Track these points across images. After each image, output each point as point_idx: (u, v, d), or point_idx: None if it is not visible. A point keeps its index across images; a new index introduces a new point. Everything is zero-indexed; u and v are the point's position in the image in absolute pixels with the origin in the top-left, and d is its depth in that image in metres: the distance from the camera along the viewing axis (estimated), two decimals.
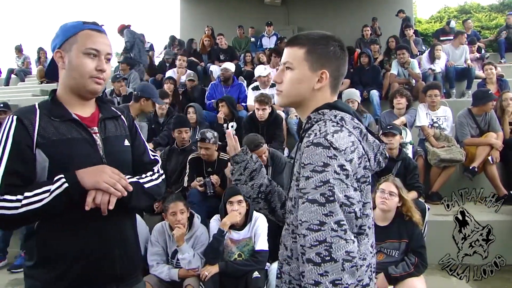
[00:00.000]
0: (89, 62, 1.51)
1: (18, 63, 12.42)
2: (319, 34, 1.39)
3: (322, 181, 1.14)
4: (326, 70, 1.33)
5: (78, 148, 1.50)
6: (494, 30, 16.11)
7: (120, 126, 1.70)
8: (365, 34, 10.28)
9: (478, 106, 5.22)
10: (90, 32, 1.53)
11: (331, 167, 1.15)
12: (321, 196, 1.13)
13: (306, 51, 1.34)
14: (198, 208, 3.96)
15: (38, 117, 1.49)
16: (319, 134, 1.21)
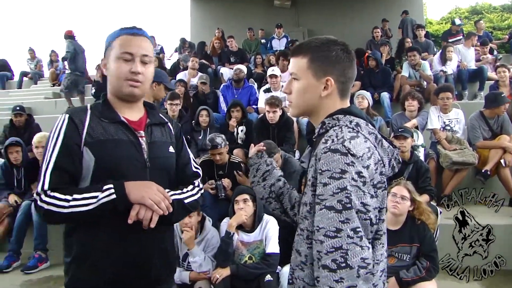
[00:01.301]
0: (123, 66, 1.55)
1: (31, 66, 12.55)
2: (321, 40, 1.38)
3: (339, 188, 1.14)
4: (331, 76, 1.32)
5: (123, 149, 1.55)
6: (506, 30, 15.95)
7: (166, 133, 1.74)
8: (375, 35, 10.23)
9: (490, 108, 5.17)
10: (125, 37, 1.57)
11: (349, 174, 1.15)
12: (338, 203, 1.14)
13: (308, 60, 1.35)
14: (210, 211, 3.97)
15: (88, 117, 1.55)
16: (336, 140, 1.21)
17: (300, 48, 1.39)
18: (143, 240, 1.55)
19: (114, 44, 1.57)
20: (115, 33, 1.60)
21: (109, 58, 1.58)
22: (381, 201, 1.27)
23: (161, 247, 1.64)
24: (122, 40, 1.56)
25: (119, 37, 1.57)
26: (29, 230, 4.62)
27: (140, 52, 1.56)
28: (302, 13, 12.98)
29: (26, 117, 6.49)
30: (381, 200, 1.26)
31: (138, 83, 1.57)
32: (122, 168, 1.52)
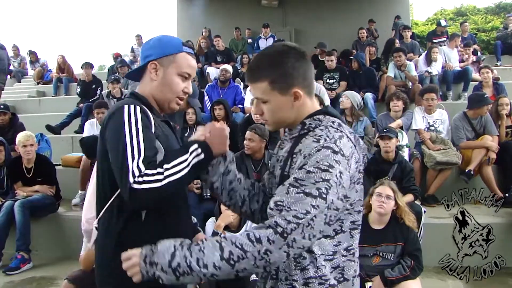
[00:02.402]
0: (181, 83, 1.61)
1: (14, 64, 12.37)
2: (272, 57, 1.36)
3: (322, 178, 1.18)
4: (296, 87, 1.33)
5: (173, 144, 1.63)
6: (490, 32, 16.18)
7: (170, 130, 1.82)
8: (360, 36, 10.30)
9: (473, 109, 5.24)
10: (187, 56, 1.62)
11: (335, 170, 1.20)
12: (316, 191, 1.18)
13: (268, 83, 1.33)
14: (195, 211, 3.96)
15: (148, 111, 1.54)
16: (329, 140, 1.25)
17: (255, 73, 1.37)
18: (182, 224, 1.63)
19: (177, 59, 1.60)
20: (177, 45, 1.62)
21: (167, 68, 1.59)
22: (360, 194, 1.34)
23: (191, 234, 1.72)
24: (185, 58, 1.61)
25: (183, 54, 1.61)
26: (11, 231, 4.54)
27: (194, 74, 1.67)
28: (289, 13, 13.00)
29: (10, 116, 6.40)
30: (359, 193, 1.33)
31: (182, 101, 1.67)
32: None
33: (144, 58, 1.64)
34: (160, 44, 1.62)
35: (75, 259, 3.54)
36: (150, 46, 1.64)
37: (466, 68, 7.72)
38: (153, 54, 1.60)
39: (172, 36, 1.71)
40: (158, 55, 1.60)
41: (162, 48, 1.61)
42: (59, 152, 6.31)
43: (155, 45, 1.63)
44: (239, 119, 5.93)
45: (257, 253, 1.14)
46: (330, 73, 7.34)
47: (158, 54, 1.60)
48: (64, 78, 10.42)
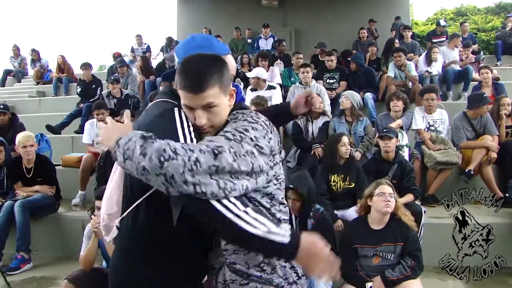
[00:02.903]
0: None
1: (14, 64, 12.36)
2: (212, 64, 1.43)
3: (237, 130, 1.34)
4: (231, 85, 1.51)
5: None
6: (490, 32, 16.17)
7: None
8: (361, 36, 10.29)
9: (473, 109, 5.24)
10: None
11: (249, 133, 1.35)
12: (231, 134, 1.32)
13: (218, 87, 1.42)
14: None
15: None
16: (245, 116, 1.45)
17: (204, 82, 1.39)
18: None
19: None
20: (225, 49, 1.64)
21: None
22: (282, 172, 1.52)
23: None
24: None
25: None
26: (11, 231, 4.54)
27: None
28: (289, 13, 13.00)
29: (10, 116, 6.39)
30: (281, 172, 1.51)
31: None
32: None
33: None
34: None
35: (75, 259, 3.53)
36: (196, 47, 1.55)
37: (466, 68, 7.71)
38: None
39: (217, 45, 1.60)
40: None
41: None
42: (59, 152, 6.31)
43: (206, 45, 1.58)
44: None
45: (187, 159, 1.18)
46: (330, 73, 7.34)
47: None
48: (64, 78, 10.42)
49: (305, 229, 3.45)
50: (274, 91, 6.49)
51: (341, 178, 4.36)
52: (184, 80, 1.39)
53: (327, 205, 4.20)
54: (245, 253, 1.44)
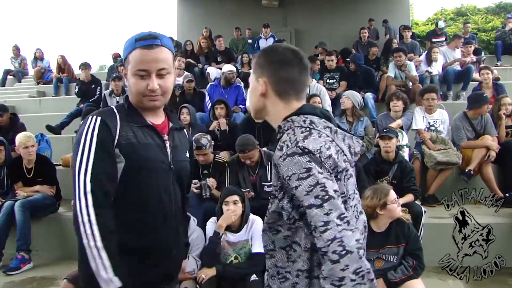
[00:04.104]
0: (140, 82, 1.55)
1: (15, 64, 12.37)
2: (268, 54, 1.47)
3: (311, 185, 1.19)
4: (265, 78, 1.41)
5: (152, 152, 1.59)
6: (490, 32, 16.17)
7: (183, 138, 1.81)
8: (362, 36, 10.29)
9: (473, 109, 5.25)
10: (139, 52, 1.53)
11: (314, 169, 1.20)
12: (316, 199, 1.18)
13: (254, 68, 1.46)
14: (195, 211, 3.96)
15: (119, 119, 1.56)
16: (290, 144, 1.25)
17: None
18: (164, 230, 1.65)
19: (130, 59, 1.55)
20: (130, 45, 1.56)
21: (127, 71, 1.58)
22: (347, 189, 1.32)
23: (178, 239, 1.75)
24: (137, 55, 1.53)
25: (134, 51, 1.54)
26: (11, 231, 4.55)
27: (155, 68, 1.54)
28: (289, 13, 13.00)
29: (9, 116, 6.39)
30: (348, 188, 1.32)
31: (157, 96, 1.58)
32: (151, 168, 1.57)
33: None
34: (124, 47, 1.60)
35: (75, 259, 3.49)
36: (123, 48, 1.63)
37: (468, 67, 7.71)
38: (123, 59, 1.61)
39: (135, 35, 1.59)
40: (123, 59, 1.61)
41: (124, 51, 1.59)
42: (59, 152, 6.30)
43: (123, 48, 1.60)
44: (239, 119, 5.92)
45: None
46: (330, 73, 7.34)
47: (123, 58, 1.61)
48: (64, 78, 10.42)
49: None
50: None
51: None
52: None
53: None
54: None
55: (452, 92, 7.63)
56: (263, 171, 4.42)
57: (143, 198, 1.56)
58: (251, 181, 4.42)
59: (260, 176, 4.41)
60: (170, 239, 1.66)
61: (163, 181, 1.61)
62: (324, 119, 1.36)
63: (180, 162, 1.71)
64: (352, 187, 1.34)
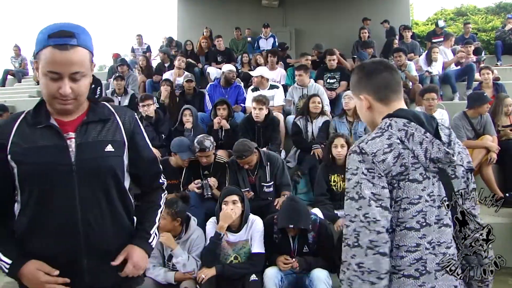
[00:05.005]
0: (51, 84, 1.42)
1: (15, 64, 12.36)
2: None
3: (356, 182, 1.38)
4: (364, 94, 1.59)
5: (46, 155, 1.48)
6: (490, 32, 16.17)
7: (107, 130, 1.60)
8: (362, 36, 10.29)
9: (474, 108, 5.24)
10: (51, 51, 1.38)
11: (360, 169, 1.37)
12: (356, 194, 1.37)
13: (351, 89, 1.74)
14: (196, 210, 3.96)
15: (16, 125, 1.51)
16: (357, 143, 1.43)
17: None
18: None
19: (41, 56, 1.40)
20: (42, 40, 1.40)
21: (38, 67, 1.43)
22: (403, 191, 1.39)
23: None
24: (48, 54, 1.38)
25: (46, 49, 1.38)
26: None
27: (69, 71, 1.40)
28: (290, 13, 13.00)
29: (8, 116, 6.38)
30: (404, 190, 1.39)
31: (70, 100, 1.46)
32: (46, 174, 1.46)
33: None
34: (36, 40, 1.43)
35: None
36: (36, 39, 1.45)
37: (470, 65, 7.69)
38: (35, 51, 1.45)
39: (49, 26, 1.42)
40: (35, 52, 1.45)
41: (36, 45, 1.42)
42: None
43: (36, 41, 1.43)
44: (239, 119, 5.93)
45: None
46: (331, 73, 7.32)
47: (35, 51, 1.44)
48: None
49: (306, 242, 3.48)
50: (277, 91, 6.50)
51: (341, 178, 4.37)
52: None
53: (327, 205, 4.21)
54: None
55: (458, 93, 7.59)
56: (262, 172, 4.41)
57: (40, 204, 1.49)
58: (250, 182, 4.43)
59: (259, 177, 4.41)
60: (76, 248, 1.52)
61: (62, 185, 1.48)
62: (414, 122, 1.43)
63: (92, 160, 1.52)
64: (417, 192, 1.40)
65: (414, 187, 1.39)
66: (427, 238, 1.42)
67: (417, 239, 1.40)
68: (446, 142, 1.48)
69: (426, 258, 1.43)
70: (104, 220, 1.56)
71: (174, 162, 4.56)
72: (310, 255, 3.44)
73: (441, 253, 1.48)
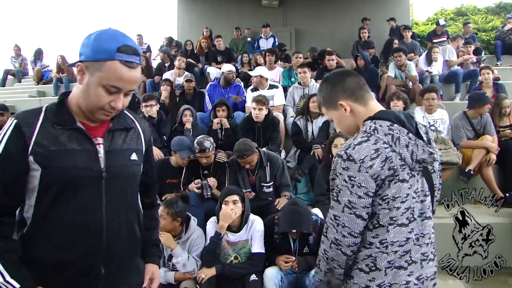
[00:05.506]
0: (105, 96, 1.40)
1: (15, 64, 12.36)
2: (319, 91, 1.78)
3: (336, 185, 1.50)
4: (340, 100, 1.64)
5: (75, 159, 1.42)
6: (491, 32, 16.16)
7: (130, 138, 1.61)
8: (362, 36, 10.28)
9: (475, 108, 5.24)
10: (119, 67, 1.36)
11: (342, 176, 1.46)
12: (335, 194, 1.51)
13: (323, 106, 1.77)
14: (195, 210, 3.96)
15: (40, 123, 1.41)
16: (344, 146, 1.49)
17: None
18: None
19: (104, 67, 1.36)
20: (107, 50, 1.36)
21: (92, 76, 1.38)
22: (396, 191, 1.45)
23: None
24: (115, 70, 1.36)
25: (112, 62, 1.35)
26: None
27: (128, 88, 1.43)
28: (290, 12, 13.01)
29: (9, 116, 6.39)
30: (396, 190, 1.45)
31: (112, 113, 1.47)
32: (73, 178, 1.41)
33: (79, 54, 1.43)
34: (93, 45, 1.37)
35: None
36: (85, 43, 1.41)
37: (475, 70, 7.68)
38: (84, 54, 1.40)
39: (113, 34, 1.40)
40: (87, 57, 1.38)
41: (94, 51, 1.37)
42: None
43: (88, 44, 1.39)
44: (239, 119, 5.93)
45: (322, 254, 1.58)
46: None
47: (88, 56, 1.38)
48: (64, 78, 10.41)
49: (307, 243, 3.47)
50: (276, 91, 6.49)
51: None
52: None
53: (327, 205, 4.20)
54: None
55: (460, 94, 7.58)
56: (263, 172, 4.41)
57: (61, 210, 1.42)
58: (250, 182, 4.42)
59: (259, 177, 4.41)
60: (97, 255, 1.50)
61: (90, 192, 1.45)
62: (397, 123, 1.48)
63: (119, 167, 1.52)
64: (405, 191, 1.46)
65: (404, 186, 1.46)
66: (413, 232, 1.50)
67: (407, 233, 1.49)
68: (426, 141, 1.53)
69: (412, 250, 1.51)
70: (122, 227, 1.55)
71: (174, 162, 4.56)
72: (310, 256, 3.44)
73: (425, 244, 1.54)
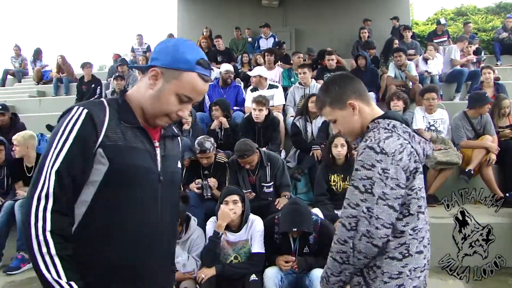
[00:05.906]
0: (176, 105, 1.42)
1: (15, 63, 12.37)
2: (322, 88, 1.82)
3: (366, 176, 1.49)
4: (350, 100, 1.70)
5: (140, 159, 1.41)
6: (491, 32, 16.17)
7: (176, 146, 1.63)
8: (362, 36, 10.29)
9: (475, 108, 5.24)
10: (196, 79, 1.39)
11: (376, 168, 1.48)
12: (362, 186, 1.49)
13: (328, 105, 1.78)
14: (196, 211, 3.96)
15: (108, 116, 1.38)
16: (374, 140, 1.53)
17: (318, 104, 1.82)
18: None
19: (182, 76, 1.38)
20: (189, 62, 1.38)
21: (167, 83, 1.39)
22: (416, 183, 1.57)
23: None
24: (193, 81, 1.39)
25: (191, 73, 1.38)
26: (11, 231, 4.55)
27: (197, 99, 1.48)
28: (290, 12, 13.01)
29: (10, 116, 6.40)
30: (418, 182, 1.58)
31: (174, 120, 1.49)
32: (137, 177, 1.38)
33: (152, 59, 1.44)
34: (174, 52, 1.39)
35: None
36: (162, 49, 1.43)
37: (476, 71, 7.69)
38: (160, 60, 1.40)
39: (191, 46, 1.44)
40: (164, 64, 1.39)
41: (173, 60, 1.38)
42: None
43: (168, 51, 1.40)
44: (239, 119, 5.93)
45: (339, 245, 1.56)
46: (330, 72, 7.33)
47: (165, 63, 1.39)
48: (64, 78, 10.43)
49: (307, 243, 3.47)
50: (276, 91, 6.49)
51: (341, 178, 4.37)
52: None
53: (327, 205, 4.21)
54: None
55: (460, 94, 7.59)
56: (263, 172, 4.41)
57: (121, 209, 1.36)
58: (250, 182, 4.43)
59: (259, 177, 4.41)
60: (159, 260, 1.48)
61: (150, 193, 1.42)
62: (404, 124, 1.60)
63: (170, 173, 1.52)
64: (421, 182, 1.60)
65: (421, 178, 1.61)
66: (410, 225, 1.58)
67: (425, 220, 1.64)
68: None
69: (425, 236, 1.63)
70: (169, 230, 1.54)
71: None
72: (310, 256, 3.44)
73: (421, 237, 1.61)
